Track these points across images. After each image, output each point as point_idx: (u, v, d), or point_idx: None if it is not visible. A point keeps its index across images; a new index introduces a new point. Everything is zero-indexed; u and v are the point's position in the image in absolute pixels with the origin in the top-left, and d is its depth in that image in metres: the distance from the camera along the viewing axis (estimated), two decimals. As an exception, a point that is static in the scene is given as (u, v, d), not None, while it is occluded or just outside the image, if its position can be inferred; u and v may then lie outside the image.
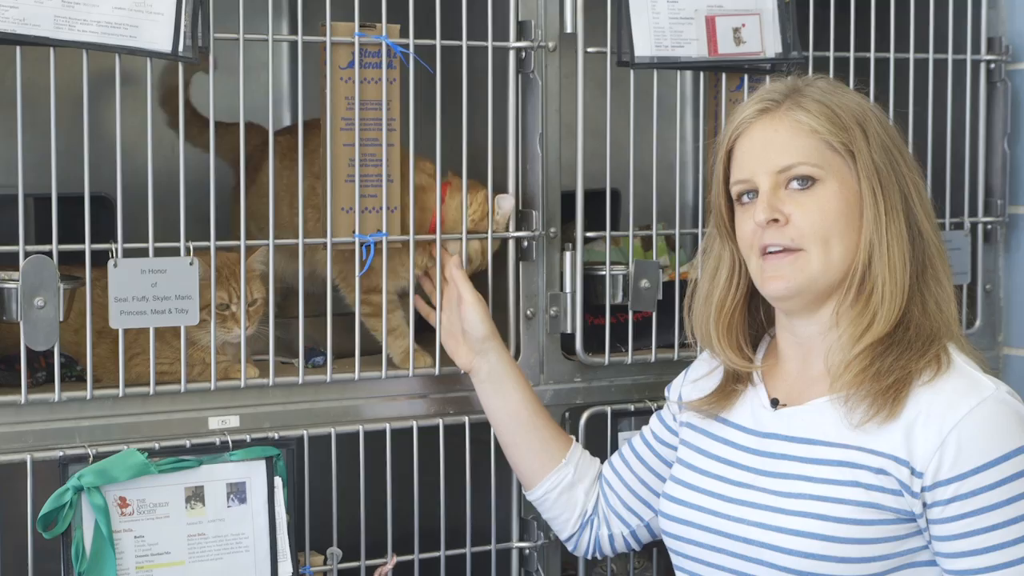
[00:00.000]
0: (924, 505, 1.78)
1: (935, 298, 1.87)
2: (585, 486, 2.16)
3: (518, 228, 2.29)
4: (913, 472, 1.78)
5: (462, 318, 2.19)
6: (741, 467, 1.93)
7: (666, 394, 2.14)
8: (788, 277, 1.86)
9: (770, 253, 1.87)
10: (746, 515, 1.88)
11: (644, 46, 2.29)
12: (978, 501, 1.76)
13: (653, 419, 2.15)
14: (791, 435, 1.89)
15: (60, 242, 1.96)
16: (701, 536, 1.93)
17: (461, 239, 2.23)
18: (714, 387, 2.02)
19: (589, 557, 2.20)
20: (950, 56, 2.58)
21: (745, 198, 1.91)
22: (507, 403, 2.18)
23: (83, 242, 1.98)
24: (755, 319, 2.01)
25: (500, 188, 2.28)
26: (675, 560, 1.99)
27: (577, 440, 2.25)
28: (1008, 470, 1.75)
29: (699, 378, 2.07)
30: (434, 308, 2.24)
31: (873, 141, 1.86)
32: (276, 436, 2.10)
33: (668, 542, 1.99)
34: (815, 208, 1.85)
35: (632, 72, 2.31)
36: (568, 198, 2.31)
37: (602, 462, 2.20)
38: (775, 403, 1.93)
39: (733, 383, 2.00)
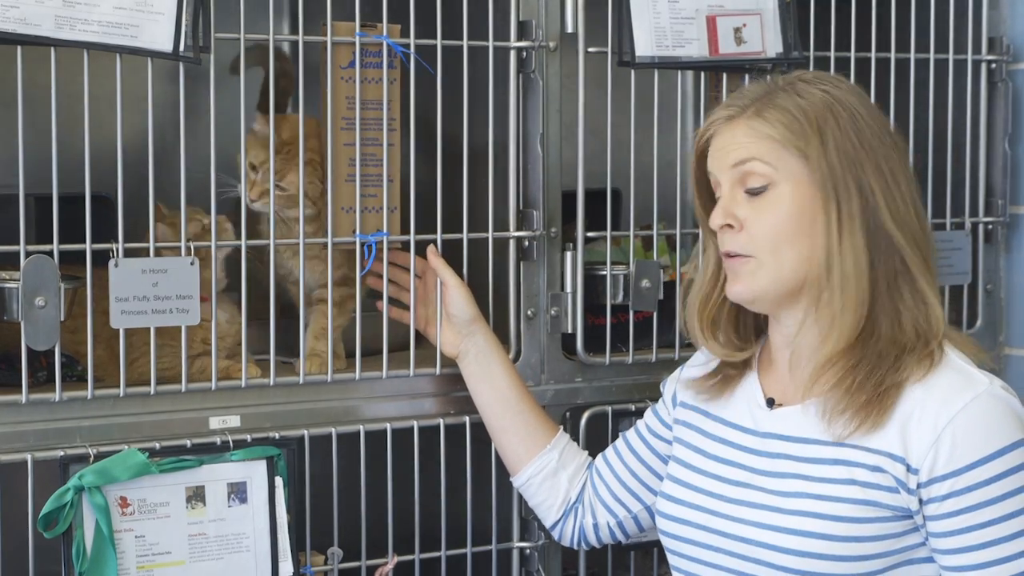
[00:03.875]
0: (920, 502, 1.78)
1: (911, 308, 1.84)
2: (569, 473, 2.17)
3: (519, 228, 2.30)
4: (909, 468, 1.78)
5: (447, 302, 2.20)
6: (739, 466, 1.93)
7: (661, 389, 2.14)
8: (744, 282, 1.87)
9: (728, 256, 1.88)
10: (744, 515, 1.88)
11: (645, 46, 2.29)
12: (973, 497, 1.76)
13: (648, 412, 2.15)
14: (787, 434, 1.89)
15: (61, 242, 1.96)
16: (699, 535, 1.93)
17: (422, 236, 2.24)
18: (713, 370, 2.02)
19: (575, 546, 2.21)
20: (951, 56, 2.58)
21: (718, 195, 1.92)
22: (495, 384, 2.19)
23: (83, 242, 1.98)
24: (749, 312, 2.00)
25: (501, 188, 2.28)
26: (672, 560, 1.99)
27: (578, 441, 2.26)
28: (1003, 465, 1.75)
29: (695, 374, 2.07)
30: (406, 309, 2.23)
31: (830, 145, 1.83)
32: (277, 436, 2.10)
33: (665, 541, 1.99)
34: (768, 213, 1.85)
35: (633, 72, 2.31)
36: (569, 198, 2.31)
37: (599, 460, 2.21)
38: (771, 403, 1.93)
39: (729, 367, 2.00)
